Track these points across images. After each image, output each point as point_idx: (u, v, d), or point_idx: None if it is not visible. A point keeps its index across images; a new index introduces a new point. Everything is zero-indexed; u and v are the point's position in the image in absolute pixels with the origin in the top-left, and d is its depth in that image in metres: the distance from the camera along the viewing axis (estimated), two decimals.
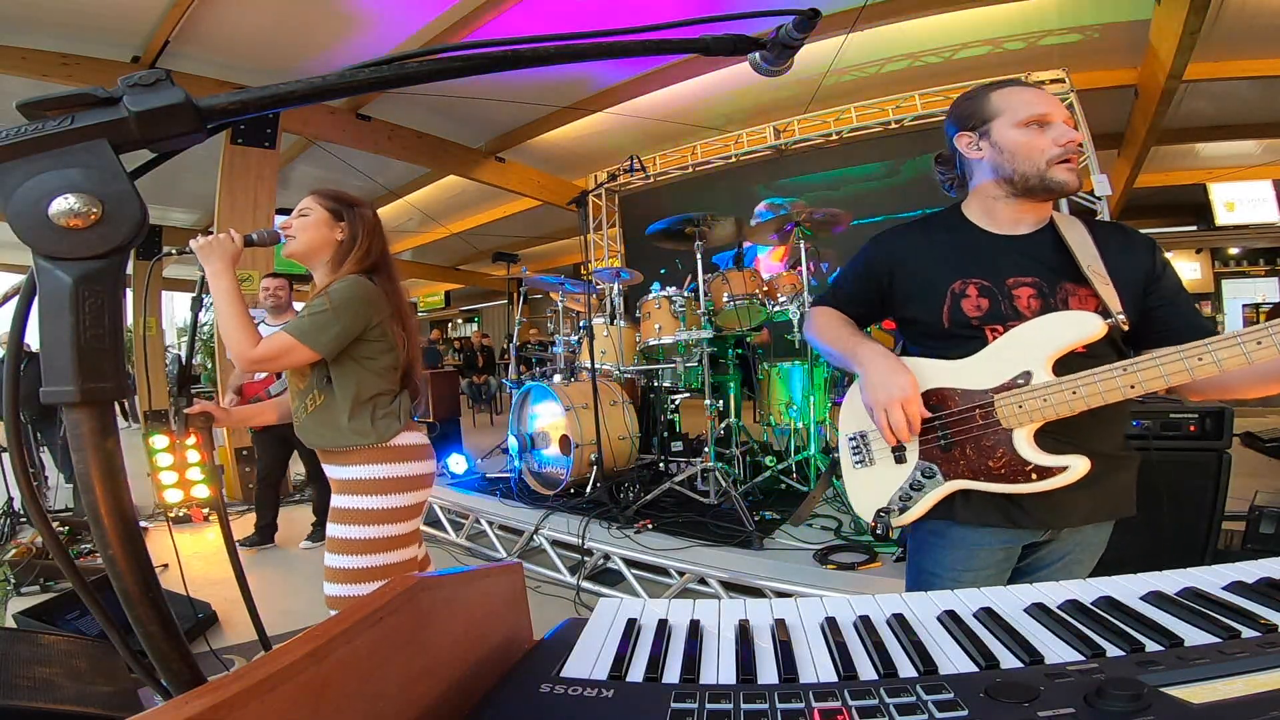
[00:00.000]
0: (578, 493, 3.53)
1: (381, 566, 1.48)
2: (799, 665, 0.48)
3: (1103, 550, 1.16)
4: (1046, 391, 0.99)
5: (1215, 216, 7.97)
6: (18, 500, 3.85)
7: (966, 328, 1.09)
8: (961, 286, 1.11)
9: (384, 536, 1.50)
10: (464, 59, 0.48)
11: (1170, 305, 1.08)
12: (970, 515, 1.09)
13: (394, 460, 1.52)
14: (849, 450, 1.22)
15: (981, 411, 1.05)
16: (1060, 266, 1.08)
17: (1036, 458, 1.01)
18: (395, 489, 1.51)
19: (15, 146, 0.36)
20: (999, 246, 1.12)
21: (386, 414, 1.53)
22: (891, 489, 1.13)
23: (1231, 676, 0.40)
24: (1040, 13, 4.84)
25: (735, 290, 3.63)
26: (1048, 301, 1.07)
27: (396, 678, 0.40)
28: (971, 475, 1.06)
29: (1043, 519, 1.08)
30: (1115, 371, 0.94)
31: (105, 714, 1.47)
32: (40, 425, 5.01)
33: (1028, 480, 1.01)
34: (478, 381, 9.86)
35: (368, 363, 1.52)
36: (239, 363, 1.46)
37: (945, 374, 1.10)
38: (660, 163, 7.20)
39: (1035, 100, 1.09)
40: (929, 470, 1.10)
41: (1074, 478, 0.99)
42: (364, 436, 1.49)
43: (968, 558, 1.12)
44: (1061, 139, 1.06)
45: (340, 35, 4.59)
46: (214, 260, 1.46)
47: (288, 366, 1.51)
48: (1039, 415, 1.00)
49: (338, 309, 1.45)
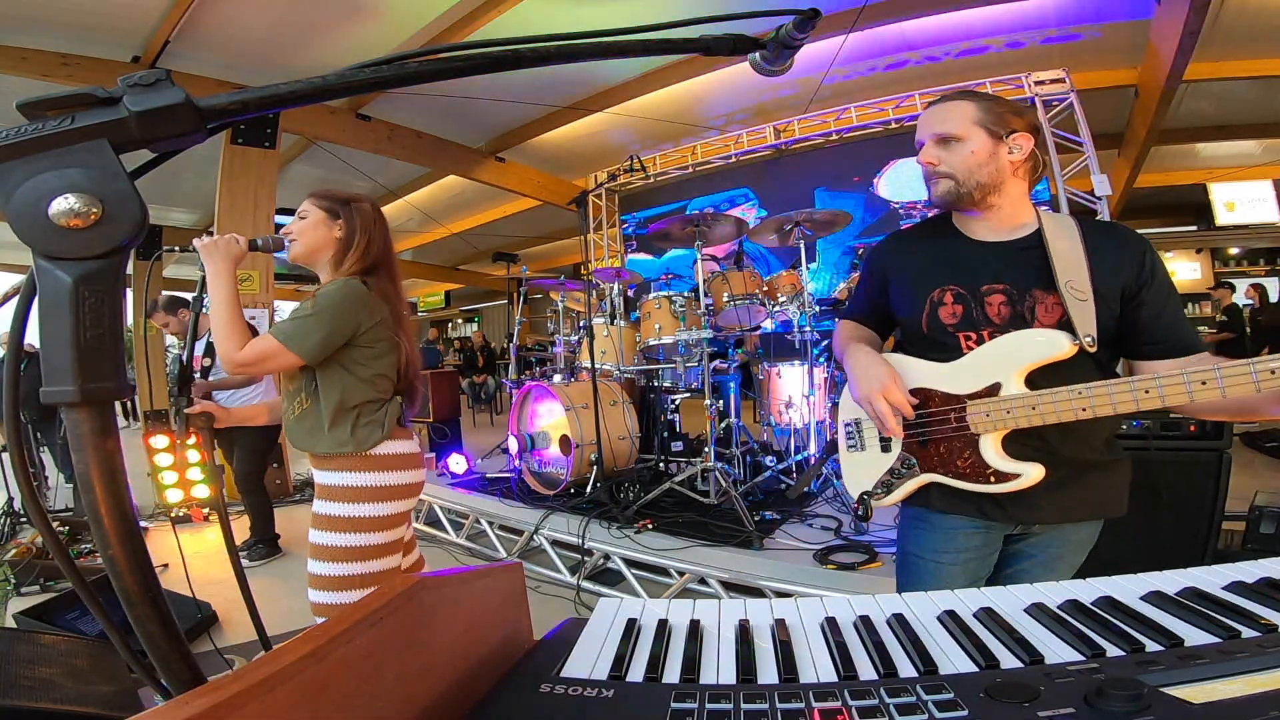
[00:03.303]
0: (578, 493, 3.53)
1: (360, 575, 1.45)
2: (799, 665, 0.48)
3: (1090, 547, 1.19)
4: (1010, 404, 1.06)
5: (1215, 216, 7.95)
6: (18, 500, 3.84)
7: (943, 333, 1.16)
8: (940, 295, 1.17)
9: (362, 545, 1.46)
10: (464, 59, 0.48)
11: (1156, 316, 1.09)
12: (944, 504, 1.17)
13: (373, 469, 1.48)
14: (845, 435, 1.32)
15: (955, 415, 1.11)
16: (1034, 273, 1.11)
17: (998, 463, 1.08)
18: (374, 498, 1.47)
19: (15, 146, 0.36)
20: (978, 252, 1.18)
21: (370, 422, 1.49)
22: (877, 474, 1.23)
23: (1231, 676, 0.40)
24: (1040, 13, 4.84)
25: (735, 290, 3.63)
26: (1015, 309, 1.11)
27: (396, 678, 0.40)
28: (943, 471, 1.14)
29: (1013, 514, 1.14)
30: (1072, 394, 1.00)
31: (105, 714, 1.47)
32: (40, 425, 5.01)
33: (987, 482, 1.09)
34: (478, 381, 9.87)
35: (357, 369, 1.48)
36: (225, 365, 1.44)
37: (930, 375, 1.17)
38: (660, 163, 7.19)
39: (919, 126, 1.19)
40: (908, 461, 1.18)
41: (1027, 484, 1.06)
42: (342, 445, 1.46)
43: (947, 539, 1.19)
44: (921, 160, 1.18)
45: (340, 35, 4.59)
46: (216, 260, 1.46)
47: (273, 370, 1.48)
48: (1003, 425, 1.07)
49: (321, 313, 1.42)
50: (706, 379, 3.35)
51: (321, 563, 1.46)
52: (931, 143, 1.16)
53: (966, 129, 1.13)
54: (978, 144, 1.12)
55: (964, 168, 1.12)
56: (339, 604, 1.46)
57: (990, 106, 1.14)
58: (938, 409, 1.14)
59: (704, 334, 3.35)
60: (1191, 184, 7.94)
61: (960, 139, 1.13)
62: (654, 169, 7.00)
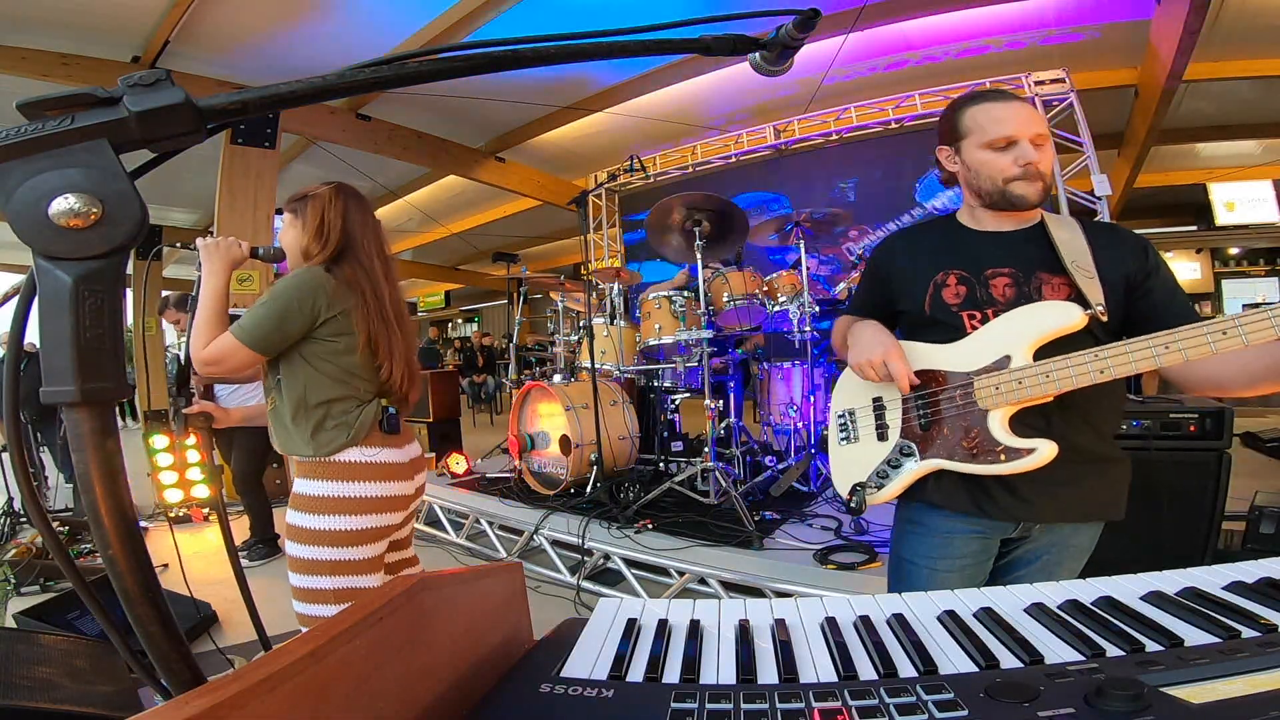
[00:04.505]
0: (578, 493, 3.53)
1: (333, 590, 1.35)
2: (799, 665, 0.48)
3: (1088, 554, 1.17)
4: (1022, 374, 1.03)
5: (1215, 216, 7.95)
6: (18, 500, 3.84)
7: (946, 314, 1.15)
8: (943, 277, 1.17)
9: (330, 560, 1.35)
10: (464, 59, 0.48)
11: (1167, 302, 1.10)
12: (941, 498, 1.14)
13: (336, 478, 1.36)
14: (837, 427, 1.28)
15: (961, 392, 1.09)
16: (1039, 259, 1.12)
17: (1006, 439, 1.04)
18: (337, 509, 1.35)
19: (15, 146, 0.36)
20: (982, 241, 1.18)
21: (338, 425, 1.37)
22: (871, 465, 1.18)
23: (1231, 676, 0.40)
24: (1040, 13, 4.84)
25: (735, 290, 3.63)
26: (1021, 289, 1.11)
27: (396, 677, 0.40)
28: (947, 455, 1.10)
29: (1011, 511, 1.11)
30: (1087, 357, 0.98)
31: (105, 714, 1.47)
32: (40, 425, 5.01)
33: (996, 460, 1.05)
34: (478, 381, 9.87)
35: (321, 364, 1.38)
36: (195, 364, 1.38)
37: (931, 356, 1.15)
38: (660, 163, 7.19)
39: (1003, 121, 1.11)
40: (907, 448, 1.15)
41: (1040, 461, 1.01)
42: (302, 447, 1.36)
43: (944, 545, 1.16)
44: (1021, 160, 1.09)
45: (340, 35, 4.59)
46: (214, 260, 1.45)
47: (236, 368, 1.37)
48: (1014, 397, 1.04)
49: (273, 302, 1.34)
50: (706, 379, 3.35)
51: (293, 573, 1.40)
52: (1030, 142, 1.10)
53: (1047, 131, 1.12)
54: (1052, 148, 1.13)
55: (1050, 171, 1.12)
56: (316, 616, 1.39)
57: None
58: (941, 388, 1.11)
59: (704, 334, 3.35)
60: (1191, 184, 7.94)
61: (1047, 141, 1.12)
62: (654, 169, 7.00)
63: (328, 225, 1.44)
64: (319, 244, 1.44)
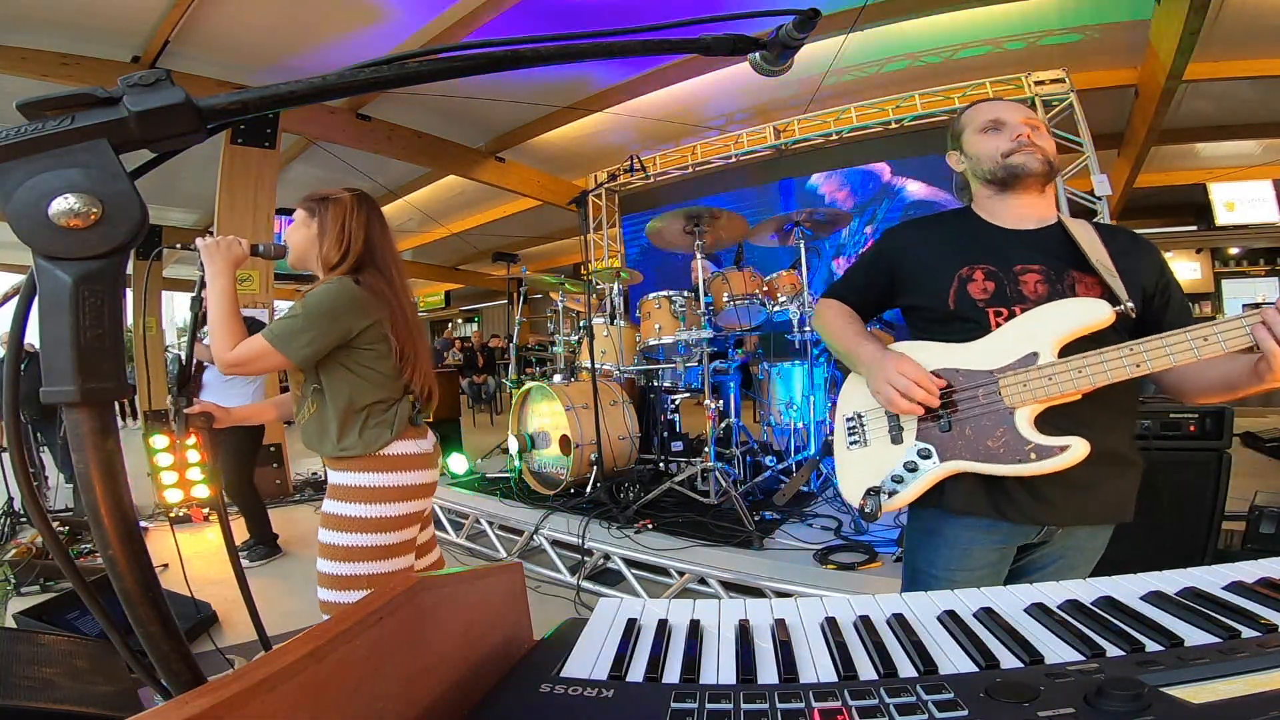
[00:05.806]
0: (578, 493, 3.53)
1: (368, 575, 1.44)
2: (799, 665, 0.48)
3: (1099, 556, 1.16)
4: (1052, 370, 1.00)
5: (1215, 216, 7.95)
6: (18, 500, 3.84)
7: (972, 309, 1.12)
8: (969, 271, 1.14)
9: (371, 545, 1.45)
10: (464, 59, 0.48)
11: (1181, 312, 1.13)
12: (959, 503, 1.10)
13: (383, 470, 1.47)
14: (844, 431, 1.23)
15: (984, 391, 1.06)
16: (1067, 257, 1.12)
17: (1037, 438, 1.01)
18: (383, 498, 1.46)
19: (15, 146, 0.36)
20: (1007, 238, 1.17)
21: (379, 423, 1.47)
22: (885, 470, 1.13)
23: (1231, 676, 0.40)
24: (1040, 13, 4.84)
25: (735, 290, 3.63)
26: (1055, 287, 1.09)
27: (396, 677, 0.40)
28: (970, 456, 1.06)
29: (1031, 514, 1.08)
30: (1122, 351, 0.96)
31: (105, 714, 1.47)
32: (40, 425, 5.01)
33: (1025, 460, 1.01)
34: (478, 381, 9.87)
35: (364, 371, 1.46)
36: (218, 363, 1.43)
37: (948, 356, 1.12)
38: (660, 163, 7.19)
39: (991, 109, 1.23)
40: (926, 451, 1.09)
41: (1073, 459, 0.98)
42: (351, 448, 1.45)
43: (962, 556, 1.12)
44: (1013, 134, 1.17)
45: (340, 35, 4.59)
46: (216, 260, 1.46)
47: (263, 370, 1.48)
48: (1043, 394, 1.01)
49: (308, 316, 1.40)
50: (706, 379, 3.35)
51: (330, 561, 1.46)
52: (1021, 123, 1.18)
53: (1040, 120, 1.21)
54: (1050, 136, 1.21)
55: (1051, 151, 1.17)
56: (346, 603, 1.44)
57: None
58: (962, 389, 1.08)
59: (704, 334, 3.35)
60: (1191, 184, 7.94)
61: (1041, 125, 1.19)
62: (654, 169, 7.00)
63: (349, 234, 1.49)
64: (339, 252, 1.48)
